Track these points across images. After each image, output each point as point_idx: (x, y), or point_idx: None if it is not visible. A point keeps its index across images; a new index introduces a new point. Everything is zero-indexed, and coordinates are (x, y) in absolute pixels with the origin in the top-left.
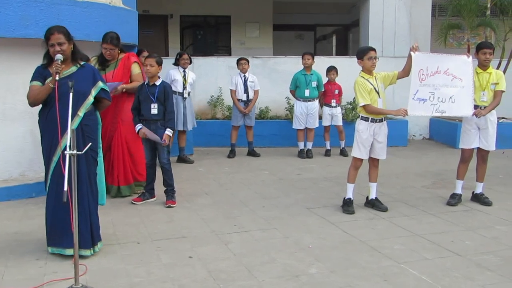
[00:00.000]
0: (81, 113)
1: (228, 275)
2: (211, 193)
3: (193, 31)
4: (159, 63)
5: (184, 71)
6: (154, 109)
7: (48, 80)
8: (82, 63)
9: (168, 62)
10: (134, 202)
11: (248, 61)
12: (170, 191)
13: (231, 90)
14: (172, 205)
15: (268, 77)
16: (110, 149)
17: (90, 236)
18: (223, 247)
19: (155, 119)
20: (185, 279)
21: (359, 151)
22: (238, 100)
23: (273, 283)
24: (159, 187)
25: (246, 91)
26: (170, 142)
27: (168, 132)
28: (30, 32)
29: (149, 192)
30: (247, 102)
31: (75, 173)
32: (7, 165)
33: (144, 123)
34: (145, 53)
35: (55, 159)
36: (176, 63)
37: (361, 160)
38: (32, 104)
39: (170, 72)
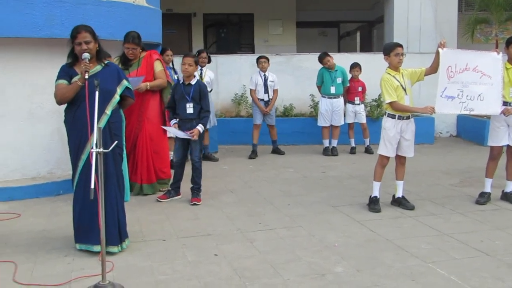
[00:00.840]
0: (108, 111)
1: (253, 273)
2: (235, 191)
3: (216, 29)
4: (196, 63)
5: (201, 70)
6: (190, 109)
7: (76, 78)
8: (106, 62)
9: None
10: (159, 199)
11: (268, 60)
12: (196, 189)
13: (250, 89)
14: (197, 203)
15: (291, 75)
16: (135, 147)
17: (118, 233)
18: (248, 245)
19: (191, 118)
20: (210, 277)
21: (385, 148)
22: (259, 99)
23: (298, 282)
24: (184, 184)
25: (266, 91)
26: (206, 137)
27: (199, 127)
28: (55, 32)
29: (175, 190)
30: (268, 101)
31: (102, 170)
32: (35, 163)
33: (180, 122)
34: (169, 52)
35: (83, 157)
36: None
37: (388, 157)
38: (60, 102)
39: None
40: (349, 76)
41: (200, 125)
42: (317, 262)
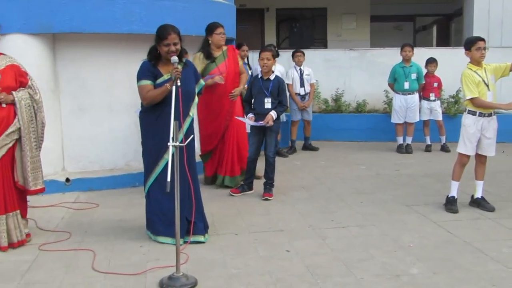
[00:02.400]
0: (191, 113)
1: (325, 271)
2: (307, 187)
3: (289, 24)
4: (275, 57)
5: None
6: (268, 104)
7: (161, 80)
8: (184, 60)
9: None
10: (232, 193)
11: (303, 54)
12: (268, 184)
13: (287, 84)
14: (269, 198)
15: (365, 70)
16: (223, 140)
17: (203, 223)
18: (320, 242)
19: (267, 113)
20: (282, 273)
21: (465, 146)
22: (296, 94)
23: (372, 281)
24: (255, 180)
25: (302, 84)
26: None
27: (272, 113)
28: (134, 28)
29: (248, 185)
30: (304, 96)
31: (177, 164)
32: (113, 155)
33: (257, 116)
34: (245, 47)
35: (166, 156)
36: None
37: (468, 156)
38: (149, 104)
39: (255, 66)
40: (424, 71)
41: (273, 111)
42: (391, 263)
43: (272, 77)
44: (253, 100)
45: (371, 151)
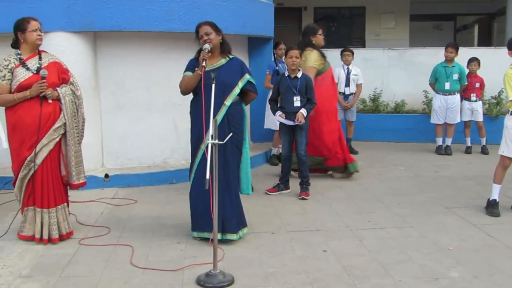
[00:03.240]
0: (227, 102)
1: (363, 272)
2: (344, 187)
3: (326, 23)
4: (301, 55)
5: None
6: (297, 102)
7: (196, 68)
8: (231, 56)
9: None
10: (268, 192)
11: (352, 53)
12: (305, 183)
13: None
14: (305, 197)
15: (404, 70)
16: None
17: (237, 221)
18: (357, 242)
19: (297, 112)
20: (318, 273)
21: (507, 149)
22: (340, 93)
23: (410, 284)
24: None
25: (348, 84)
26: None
27: (303, 110)
28: (173, 26)
29: (284, 184)
30: (348, 96)
31: (216, 161)
32: (151, 152)
33: (286, 115)
34: (282, 46)
35: (203, 147)
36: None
37: (510, 158)
38: (183, 92)
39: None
40: (466, 71)
41: (303, 109)
42: (430, 265)
43: (299, 75)
44: (280, 99)
45: (409, 152)
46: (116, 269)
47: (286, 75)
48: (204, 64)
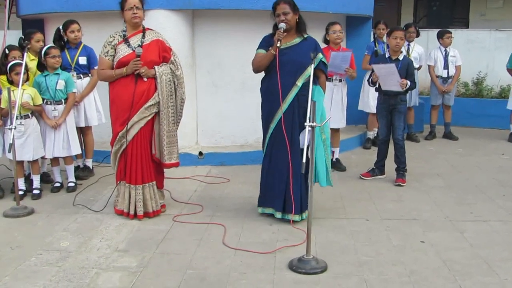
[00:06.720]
0: (299, 83)
1: (464, 268)
2: (442, 175)
3: (428, 2)
4: (405, 37)
5: (408, 45)
6: None
7: (270, 48)
8: (306, 35)
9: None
10: (363, 177)
11: (451, 34)
12: (401, 169)
13: (429, 65)
14: (401, 184)
15: None
16: None
17: (300, 203)
18: (457, 235)
19: (395, 94)
20: (416, 265)
21: None
22: (437, 76)
23: None
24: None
25: (446, 66)
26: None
27: (407, 81)
28: (269, 4)
29: (379, 168)
30: (446, 79)
31: (313, 144)
32: (244, 131)
33: (385, 97)
34: (381, 25)
35: (272, 126)
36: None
37: None
38: (255, 70)
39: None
40: None
41: (407, 81)
42: None
43: (400, 57)
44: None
45: None
46: (209, 247)
47: (387, 56)
48: (278, 44)
